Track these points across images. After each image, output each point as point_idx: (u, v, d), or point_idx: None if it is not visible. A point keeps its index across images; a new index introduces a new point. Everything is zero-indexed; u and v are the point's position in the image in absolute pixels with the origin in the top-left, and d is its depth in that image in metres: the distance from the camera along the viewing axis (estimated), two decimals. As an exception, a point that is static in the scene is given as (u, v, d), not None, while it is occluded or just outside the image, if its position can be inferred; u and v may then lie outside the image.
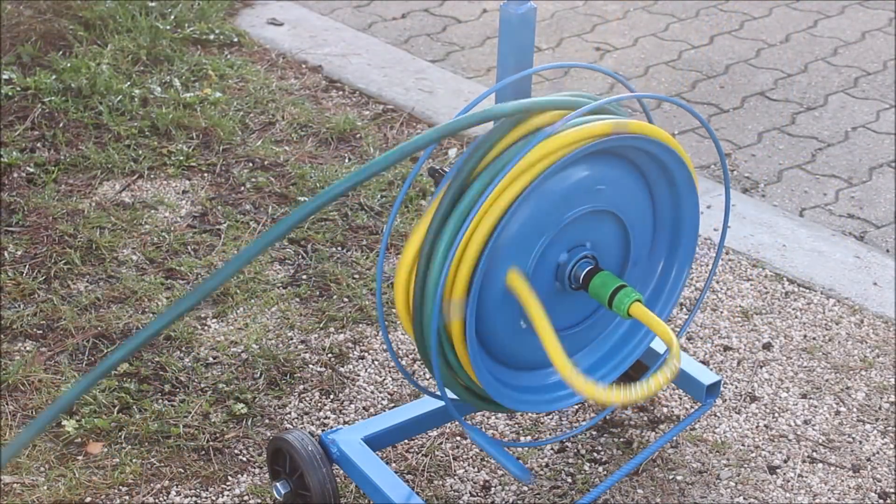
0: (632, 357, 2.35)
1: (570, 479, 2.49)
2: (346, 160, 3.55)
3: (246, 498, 2.42)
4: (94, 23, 4.15)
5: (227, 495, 2.43)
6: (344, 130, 3.69)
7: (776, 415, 2.67)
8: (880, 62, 4.35)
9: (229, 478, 2.47)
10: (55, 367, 2.72)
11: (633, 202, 2.19)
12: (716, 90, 4.14)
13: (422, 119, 3.82)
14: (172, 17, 4.25)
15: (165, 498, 2.41)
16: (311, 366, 2.76)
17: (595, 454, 2.55)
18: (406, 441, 2.55)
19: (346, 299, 2.97)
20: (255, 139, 3.64)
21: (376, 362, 2.79)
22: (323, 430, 2.50)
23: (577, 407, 2.68)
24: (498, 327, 2.12)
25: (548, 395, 2.27)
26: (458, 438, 2.58)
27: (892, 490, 2.48)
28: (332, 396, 2.68)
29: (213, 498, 2.42)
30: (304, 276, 3.05)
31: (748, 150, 3.77)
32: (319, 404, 2.66)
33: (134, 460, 2.49)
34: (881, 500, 2.46)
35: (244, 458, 2.52)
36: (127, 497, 2.41)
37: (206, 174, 3.47)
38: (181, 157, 3.51)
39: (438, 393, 2.26)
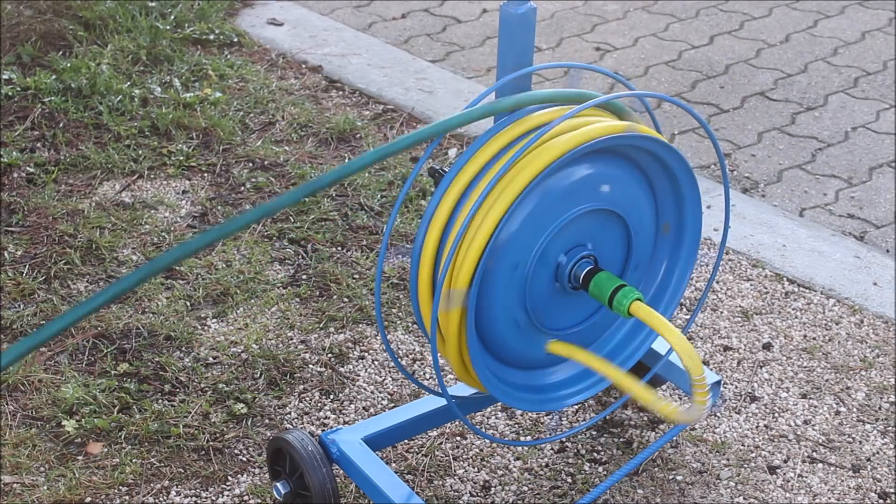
0: (634, 357, 2.35)
1: (570, 479, 2.49)
2: (347, 160, 3.55)
3: (246, 498, 2.42)
4: (94, 23, 4.15)
5: (227, 495, 2.43)
6: (344, 130, 3.69)
7: (776, 415, 2.67)
8: (880, 62, 4.35)
9: (229, 478, 2.47)
10: (55, 367, 2.72)
11: (636, 202, 2.19)
12: (716, 90, 4.14)
13: (422, 119, 3.82)
14: (172, 17, 4.25)
15: (165, 498, 2.41)
16: (311, 366, 2.76)
17: (595, 454, 2.55)
18: (406, 441, 2.55)
19: (346, 299, 2.97)
20: (255, 139, 3.64)
21: (376, 362, 2.79)
22: (323, 430, 2.50)
23: (577, 407, 2.68)
24: (498, 325, 2.12)
25: (548, 395, 2.27)
26: (458, 438, 2.58)
27: (892, 490, 2.48)
28: (332, 396, 2.68)
29: (213, 498, 2.42)
30: (304, 276, 3.05)
31: (748, 150, 3.77)
32: (319, 404, 2.66)
33: (134, 460, 2.48)
34: (881, 500, 2.46)
35: (244, 458, 2.52)
36: (127, 497, 2.41)
37: (206, 174, 3.47)
38: (181, 157, 3.51)
39: (440, 391, 2.26)
